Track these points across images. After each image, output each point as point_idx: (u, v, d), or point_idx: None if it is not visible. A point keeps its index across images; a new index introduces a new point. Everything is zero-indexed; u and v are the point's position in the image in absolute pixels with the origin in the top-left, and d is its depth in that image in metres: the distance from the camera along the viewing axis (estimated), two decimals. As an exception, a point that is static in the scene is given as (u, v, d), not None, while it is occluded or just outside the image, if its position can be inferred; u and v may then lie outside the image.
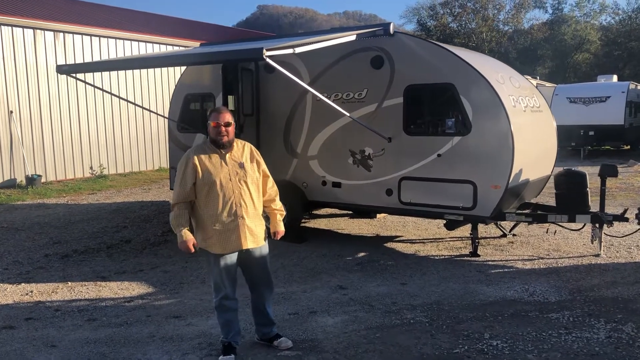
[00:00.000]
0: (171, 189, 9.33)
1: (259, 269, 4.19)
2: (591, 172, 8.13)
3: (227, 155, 4.02)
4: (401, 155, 7.00)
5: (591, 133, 19.77)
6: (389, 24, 7.02)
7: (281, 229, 4.32)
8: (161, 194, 12.23)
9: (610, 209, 6.71)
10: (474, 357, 4.11)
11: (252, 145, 4.25)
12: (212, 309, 5.15)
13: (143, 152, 16.05)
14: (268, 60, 5.25)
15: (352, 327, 4.73)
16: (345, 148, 7.40)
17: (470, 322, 4.79)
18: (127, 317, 5.12)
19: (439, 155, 6.74)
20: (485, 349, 4.24)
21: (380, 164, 7.16)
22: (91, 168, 14.56)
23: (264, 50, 5.12)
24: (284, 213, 4.39)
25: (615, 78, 22.52)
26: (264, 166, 4.22)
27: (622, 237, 7.17)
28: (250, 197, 4.03)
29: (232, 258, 4.04)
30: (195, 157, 3.97)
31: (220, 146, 3.99)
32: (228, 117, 3.99)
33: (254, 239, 4.05)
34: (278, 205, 4.33)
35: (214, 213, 3.93)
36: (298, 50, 5.84)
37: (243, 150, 4.13)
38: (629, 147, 21.92)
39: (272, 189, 4.30)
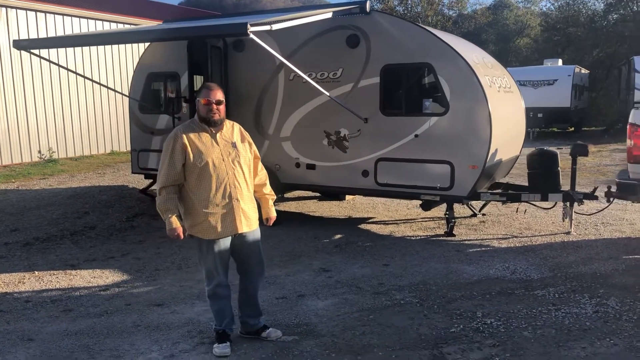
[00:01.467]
0: (133, 172, 8.99)
1: (253, 255, 4.00)
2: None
3: (218, 135, 3.81)
4: (378, 136, 6.94)
5: (540, 115, 20.34)
6: (365, 1, 6.88)
7: (274, 214, 4.16)
8: (117, 178, 11.74)
9: (568, 188, 6.87)
10: (471, 336, 4.11)
11: (240, 125, 4.06)
12: (196, 295, 5.05)
13: (94, 135, 15.35)
14: (252, 36, 5.05)
15: (344, 310, 4.66)
16: (320, 129, 7.27)
17: (461, 301, 4.80)
18: (106, 306, 4.87)
19: (416, 136, 6.72)
20: (481, 328, 4.25)
21: (356, 145, 7.07)
22: (39, 152, 13.81)
23: (249, 26, 4.91)
24: (275, 197, 4.24)
25: (560, 62, 23.21)
26: (254, 147, 4.04)
27: (590, 214, 7.38)
28: (244, 178, 3.85)
29: (226, 243, 3.84)
30: (184, 136, 3.73)
31: (211, 124, 3.78)
32: (219, 95, 3.79)
33: (248, 223, 3.87)
34: (269, 189, 4.16)
35: (206, 196, 3.71)
36: (277, 26, 5.65)
37: (233, 129, 3.93)
38: (572, 129, 22.73)
39: (262, 172, 4.13)
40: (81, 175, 12.15)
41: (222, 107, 3.79)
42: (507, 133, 7.18)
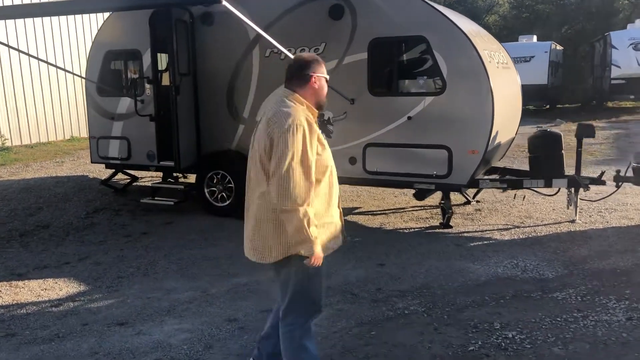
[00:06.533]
0: (93, 161, 8.13)
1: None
2: (521, 131, 7.95)
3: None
4: (366, 118, 6.26)
5: (517, 93, 19.89)
6: (350, -33, 6.14)
7: None
8: (77, 167, 10.81)
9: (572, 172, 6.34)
10: (494, 356, 3.50)
11: None
12: (165, 310, 4.31)
13: (52, 120, 14.26)
14: (225, 3, 4.26)
15: (341, 325, 4.00)
16: (301, 111, 6.53)
17: (473, 309, 4.19)
18: (58, 328, 4.10)
19: (409, 118, 6.06)
20: (503, 344, 3.64)
21: (342, 129, 6.38)
22: (-10, 139, 12.74)
23: (221, -9, 4.13)
24: None
25: (535, 38, 22.75)
26: None
27: (596, 201, 6.84)
28: None
29: None
30: (313, 124, 2.73)
31: (320, 111, 2.93)
32: None
33: None
34: None
35: (327, 200, 2.83)
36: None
37: None
38: (548, 107, 22.39)
39: None
40: (37, 164, 11.16)
41: None
42: (506, 113, 6.57)
